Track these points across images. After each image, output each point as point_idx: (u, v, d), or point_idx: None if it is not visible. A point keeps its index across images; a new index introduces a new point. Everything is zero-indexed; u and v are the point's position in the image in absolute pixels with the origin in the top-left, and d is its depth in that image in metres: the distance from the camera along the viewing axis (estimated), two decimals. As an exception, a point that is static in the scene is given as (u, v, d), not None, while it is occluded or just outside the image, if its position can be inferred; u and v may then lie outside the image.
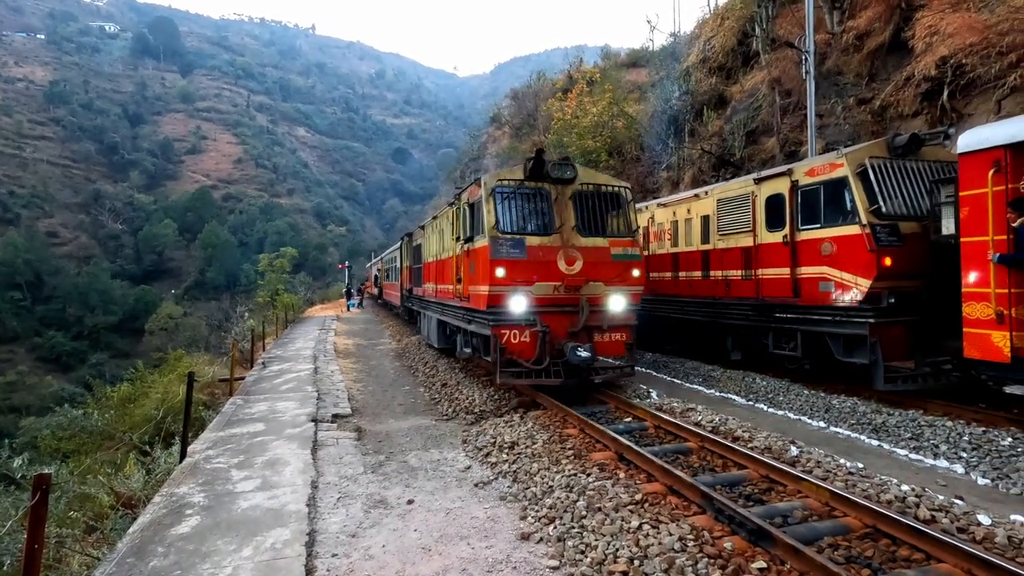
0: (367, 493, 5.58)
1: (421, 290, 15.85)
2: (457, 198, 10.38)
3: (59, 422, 16.39)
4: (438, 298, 12.66)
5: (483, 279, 8.30)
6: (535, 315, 8.18)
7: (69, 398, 33.05)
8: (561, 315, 8.37)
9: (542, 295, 8.28)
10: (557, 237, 8.44)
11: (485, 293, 8.22)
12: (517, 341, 8.18)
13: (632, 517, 4.56)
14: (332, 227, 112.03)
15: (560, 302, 8.38)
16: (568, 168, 8.77)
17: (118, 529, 6.66)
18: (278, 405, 9.32)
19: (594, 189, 8.93)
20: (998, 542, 4.06)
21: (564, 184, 8.73)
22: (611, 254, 8.66)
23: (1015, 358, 6.09)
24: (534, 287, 8.22)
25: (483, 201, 8.50)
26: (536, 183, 8.63)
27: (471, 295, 9.07)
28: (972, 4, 11.78)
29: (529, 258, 8.21)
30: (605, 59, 41.85)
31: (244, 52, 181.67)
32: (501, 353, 8.06)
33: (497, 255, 8.10)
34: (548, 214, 8.56)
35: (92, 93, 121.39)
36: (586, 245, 8.54)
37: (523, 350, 8.19)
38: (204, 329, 50.39)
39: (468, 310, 9.47)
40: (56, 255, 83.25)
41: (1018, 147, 6.10)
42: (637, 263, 8.85)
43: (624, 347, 8.80)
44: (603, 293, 8.55)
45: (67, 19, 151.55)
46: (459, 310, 10.17)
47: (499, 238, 8.19)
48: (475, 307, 8.86)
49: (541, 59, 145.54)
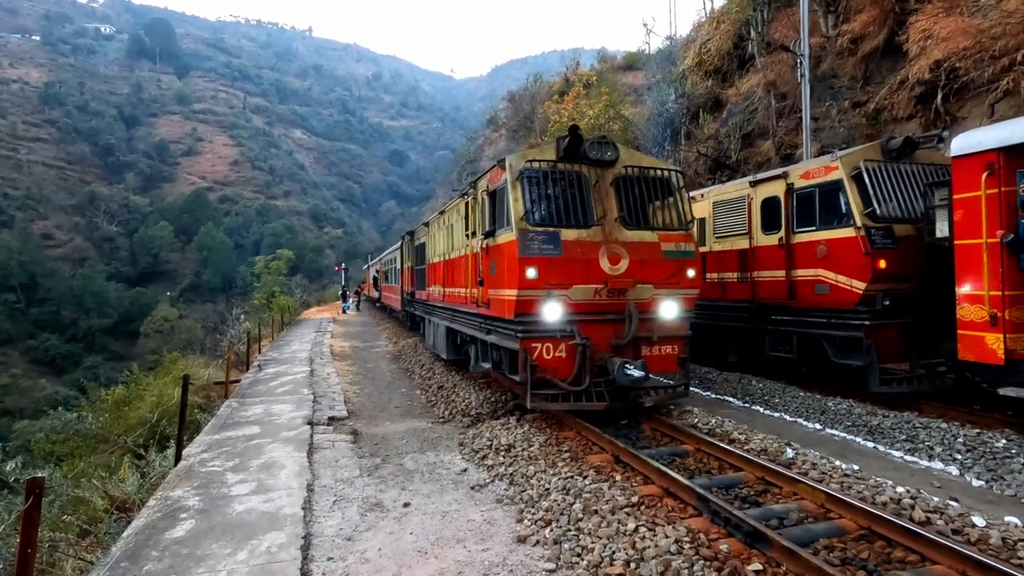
0: (363, 496, 5.57)
1: (425, 293, 14.47)
2: (472, 186, 9.07)
3: (53, 425, 16.30)
4: (447, 303, 11.28)
5: (509, 281, 6.97)
6: (572, 325, 6.89)
7: (63, 401, 32.87)
8: (603, 324, 7.08)
9: (581, 300, 6.98)
10: (598, 230, 7.09)
11: (512, 298, 6.87)
12: (551, 356, 6.89)
13: (628, 520, 4.56)
14: (328, 229, 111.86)
15: (602, 309, 7.07)
16: (609, 148, 7.40)
17: (112, 533, 6.63)
18: (274, 408, 9.29)
19: (639, 173, 7.53)
20: (992, 543, 4.08)
21: (604, 167, 7.39)
22: (662, 251, 7.32)
23: (1009, 360, 6.12)
24: (571, 291, 6.91)
25: (508, 187, 7.14)
26: (571, 165, 7.29)
27: (492, 300, 7.73)
28: (965, 8, 11.87)
29: (565, 256, 6.87)
30: (601, 62, 41.93)
31: (240, 54, 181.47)
32: (532, 372, 6.75)
33: (527, 252, 6.76)
34: (587, 203, 7.18)
35: (87, 95, 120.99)
36: (632, 240, 7.19)
37: (558, 367, 6.89)
38: (199, 332, 50.24)
39: (488, 318, 8.13)
40: (51, 257, 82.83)
41: (1011, 150, 6.14)
42: (692, 262, 7.47)
43: (676, 362, 7.44)
44: (653, 297, 7.25)
45: (63, 21, 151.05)
46: (475, 318, 8.91)
47: (529, 232, 6.84)
48: (497, 315, 7.51)
49: (538, 62, 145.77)
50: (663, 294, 7.30)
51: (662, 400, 7.44)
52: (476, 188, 8.82)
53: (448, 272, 11.18)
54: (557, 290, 6.87)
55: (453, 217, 10.81)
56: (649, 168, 7.69)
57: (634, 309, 7.00)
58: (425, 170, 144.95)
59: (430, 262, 13.68)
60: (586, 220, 7.12)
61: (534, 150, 7.81)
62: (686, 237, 7.52)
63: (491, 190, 7.91)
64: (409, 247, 18.50)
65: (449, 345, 11.23)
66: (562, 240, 6.92)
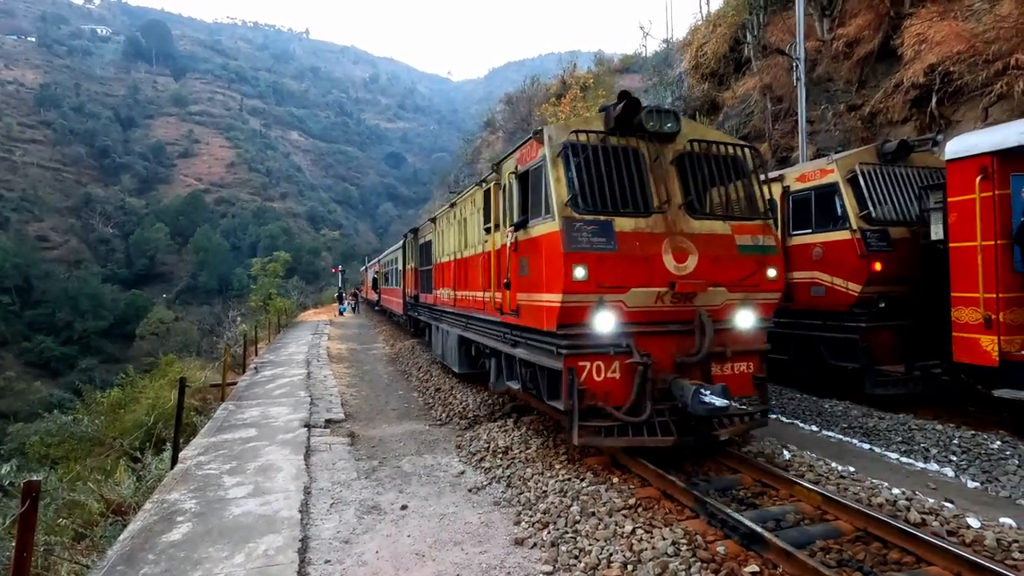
0: (360, 499, 5.56)
1: (432, 297, 13.15)
2: (495, 169, 7.71)
3: (48, 428, 16.23)
4: (458, 308, 10.08)
5: (550, 283, 5.62)
6: (628, 338, 5.58)
7: (58, 404, 32.69)
8: (665, 337, 5.79)
9: (639, 307, 5.65)
10: (659, 220, 5.79)
11: (554, 305, 5.51)
12: (602, 378, 5.59)
13: (626, 522, 4.57)
14: (325, 231, 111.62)
15: (665, 317, 5.79)
16: (669, 117, 6.12)
17: (108, 536, 6.61)
18: (271, 410, 9.27)
19: (706, 149, 6.26)
20: (987, 544, 4.10)
21: (663, 141, 6.15)
22: (736, 245, 6.04)
23: (1003, 362, 6.17)
24: (628, 295, 5.56)
25: (547, 164, 5.85)
26: (624, 139, 6.02)
27: (523, 307, 6.39)
28: (959, 13, 11.95)
29: (621, 251, 5.55)
30: (599, 64, 42.11)
31: (237, 56, 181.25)
32: (580, 398, 5.43)
33: (574, 246, 5.42)
34: (644, 185, 5.89)
35: (83, 96, 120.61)
36: (701, 232, 5.90)
37: (611, 392, 5.58)
38: (196, 334, 50.12)
39: (516, 328, 6.83)
40: (46, 259, 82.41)
41: (1004, 154, 6.19)
42: (773, 258, 6.15)
43: (752, 383, 6.14)
44: (726, 303, 5.97)
45: (58, 22, 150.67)
46: (497, 327, 7.65)
47: (576, 220, 5.51)
48: (531, 324, 6.21)
49: (535, 64, 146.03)
50: (739, 299, 6.00)
51: (739, 431, 6.02)
52: (500, 171, 7.52)
53: (460, 273, 10.02)
54: (611, 294, 5.50)
55: (467, 209, 9.61)
56: (717, 143, 6.36)
57: (707, 318, 5.64)
58: (422, 172, 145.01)
59: (438, 262, 12.52)
60: (645, 207, 5.79)
61: (577, 120, 6.58)
62: (764, 228, 6.25)
63: (522, 171, 6.58)
64: (412, 246, 17.13)
65: (462, 357, 10.04)
66: (616, 231, 5.59)
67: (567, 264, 5.37)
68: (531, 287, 6.18)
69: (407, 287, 18.19)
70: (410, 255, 17.54)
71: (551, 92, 36.97)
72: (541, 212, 6.02)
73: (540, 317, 5.92)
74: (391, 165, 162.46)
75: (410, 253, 17.55)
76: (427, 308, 14.02)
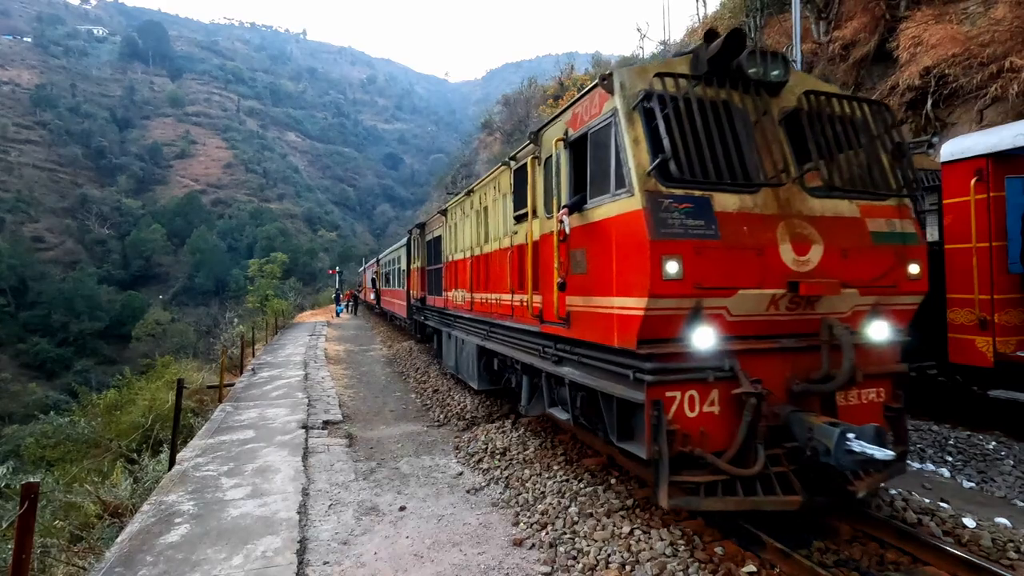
0: (358, 500, 5.57)
1: (443, 299, 11.83)
2: (532, 139, 6.18)
3: (43, 430, 16.20)
4: (477, 313, 8.83)
5: (628, 282, 4.19)
6: (732, 358, 4.17)
7: (54, 405, 32.58)
8: (778, 356, 4.36)
9: (746, 315, 4.22)
10: (769, 197, 4.32)
11: (635, 312, 4.07)
12: (696, 413, 4.14)
13: (624, 523, 4.58)
14: (323, 232, 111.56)
15: (777, 329, 4.36)
16: (777, 63, 4.59)
17: (105, 538, 6.59)
18: (268, 412, 9.26)
19: (822, 105, 4.67)
20: (983, 544, 4.13)
21: (769, 93, 4.65)
22: (869, 232, 4.57)
23: (999, 363, 6.21)
24: (735, 299, 4.12)
25: (620, 120, 4.34)
26: (718, 90, 4.43)
27: (578, 314, 4.99)
28: (954, 16, 12.04)
29: (725, 239, 4.11)
30: (596, 66, 42.17)
31: (234, 56, 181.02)
32: (670, 441, 4.00)
33: (664, 231, 3.98)
34: (747, 148, 4.35)
35: (79, 97, 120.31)
36: (824, 214, 4.44)
37: (708, 432, 4.15)
38: (192, 335, 49.99)
39: (565, 342, 5.44)
40: (41, 260, 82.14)
41: (999, 156, 6.24)
42: (914, 250, 4.73)
43: (883, 415, 4.64)
44: (856, 310, 4.54)
45: (54, 22, 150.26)
46: (533, 339, 6.28)
47: (663, 196, 4.07)
48: (591, 338, 4.78)
49: (532, 65, 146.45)
50: (870, 304, 4.56)
51: (877, 483, 4.47)
52: (539, 141, 6.10)
53: (480, 271, 8.77)
54: (712, 298, 4.06)
55: (489, 196, 8.31)
56: (837, 97, 4.76)
57: (844, 330, 4.19)
58: (420, 173, 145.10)
59: (450, 259, 11.17)
60: (748, 177, 4.26)
61: (656, 64, 4.85)
62: (901, 210, 4.77)
63: (575, 136, 5.17)
64: (419, 243, 15.76)
65: (481, 371, 8.68)
66: (716, 212, 4.13)
67: (655, 256, 3.90)
68: (590, 288, 4.76)
69: (412, 288, 16.87)
70: (416, 253, 16.31)
71: (549, 93, 37.07)
72: (609, 187, 4.50)
73: (606, 329, 4.48)
74: (388, 166, 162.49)
75: (416, 251, 16.33)
76: (436, 312, 12.87)
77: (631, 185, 4.16)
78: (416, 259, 16.23)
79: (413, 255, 16.85)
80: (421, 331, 15.89)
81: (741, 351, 4.21)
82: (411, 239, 17.19)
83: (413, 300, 16.61)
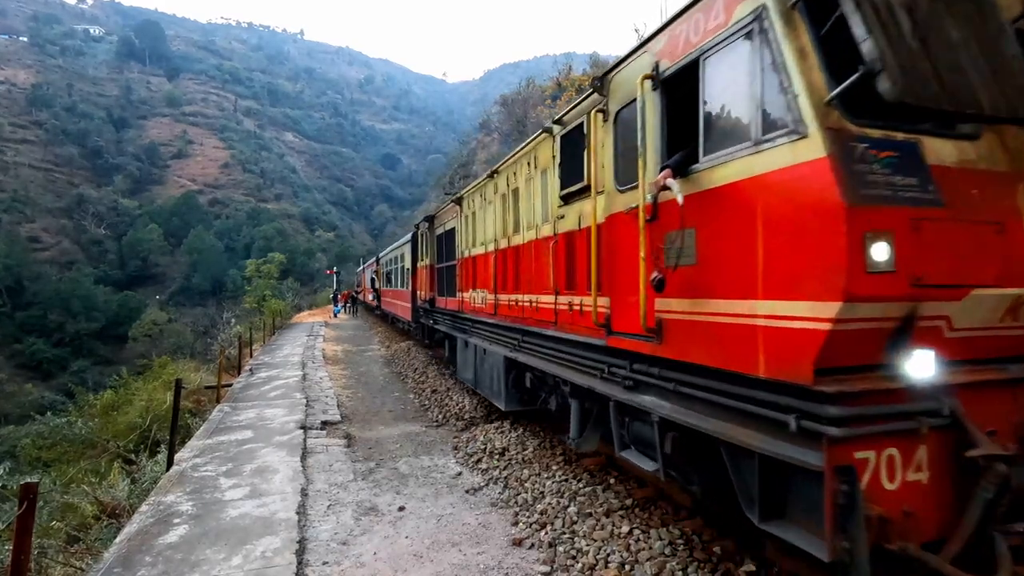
0: (357, 500, 5.57)
1: (456, 301, 10.50)
2: (596, 87, 4.69)
3: (40, 430, 16.14)
4: (503, 318, 7.62)
5: (797, 278, 2.73)
6: (950, 394, 2.77)
7: (50, 406, 32.45)
8: (1010, 391, 2.99)
9: (973, 328, 2.91)
10: (995, 145, 2.91)
11: (819, 326, 2.61)
12: (897, 485, 2.71)
13: (623, 522, 4.60)
14: (320, 232, 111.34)
15: (1007, 349, 3.06)
16: None
17: (103, 539, 6.57)
18: (266, 412, 9.25)
19: None
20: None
21: None
22: None
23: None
24: (966, 303, 2.78)
25: (774, 24, 2.82)
26: None
27: (682, 324, 3.58)
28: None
29: (949, 208, 2.70)
30: (594, 67, 42.16)
31: (232, 56, 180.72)
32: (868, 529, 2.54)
33: (866, 193, 2.54)
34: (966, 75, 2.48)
35: (76, 96, 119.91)
36: None
37: (916, 511, 2.73)
38: (189, 335, 49.81)
39: (653, 361, 3.96)
40: (37, 260, 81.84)
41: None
42: None
43: None
44: None
45: (51, 22, 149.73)
46: (593, 355, 4.91)
47: (854, 138, 2.62)
48: (708, 362, 3.36)
49: (530, 66, 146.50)
50: None
51: None
52: (606, 88, 4.58)
53: (506, 268, 7.51)
54: (934, 301, 2.74)
55: (521, 175, 6.96)
56: None
57: None
58: (417, 174, 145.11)
59: (467, 255, 9.79)
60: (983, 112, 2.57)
61: None
62: None
63: (672, 70, 3.70)
64: (427, 238, 14.05)
65: (510, 388, 7.38)
66: (929, 166, 2.74)
67: (854, 233, 2.51)
68: (704, 287, 3.36)
69: (419, 288, 15.12)
70: (423, 249, 14.58)
71: (547, 94, 37.07)
72: (748, 132, 3.03)
73: (740, 349, 3.07)
74: (386, 166, 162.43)
75: (423, 247, 14.59)
76: (448, 316, 11.38)
77: (800, 122, 2.67)
78: (424, 256, 14.48)
79: (420, 252, 15.15)
80: (429, 336, 14.32)
81: (964, 385, 2.82)
82: (418, 234, 15.66)
83: (420, 302, 14.86)
